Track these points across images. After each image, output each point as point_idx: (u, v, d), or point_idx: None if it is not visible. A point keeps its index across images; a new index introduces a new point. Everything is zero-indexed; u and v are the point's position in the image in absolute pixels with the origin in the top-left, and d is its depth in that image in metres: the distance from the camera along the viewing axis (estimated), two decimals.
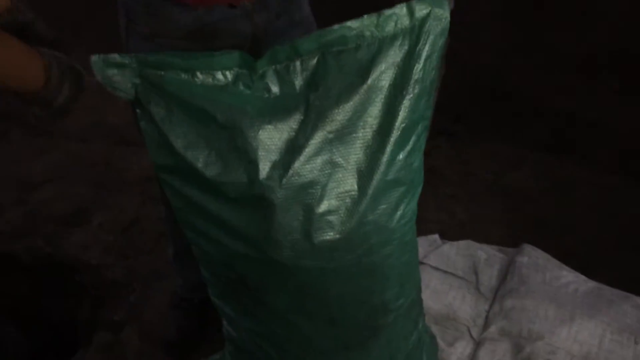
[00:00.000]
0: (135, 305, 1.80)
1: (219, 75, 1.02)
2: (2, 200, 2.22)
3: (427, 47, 1.06)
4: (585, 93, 2.62)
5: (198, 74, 1.01)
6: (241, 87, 1.03)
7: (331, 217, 1.05)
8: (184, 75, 1.01)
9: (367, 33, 1.03)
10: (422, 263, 1.71)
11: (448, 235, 1.88)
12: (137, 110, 1.05)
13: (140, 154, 2.35)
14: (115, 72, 1.00)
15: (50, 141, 2.55)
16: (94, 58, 0.99)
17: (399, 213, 1.10)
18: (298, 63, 1.04)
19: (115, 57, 1.00)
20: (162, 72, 1.00)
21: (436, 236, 1.85)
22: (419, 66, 1.05)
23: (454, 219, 2.02)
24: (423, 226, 1.21)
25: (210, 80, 1.02)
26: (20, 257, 2.01)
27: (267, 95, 1.04)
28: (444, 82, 1.13)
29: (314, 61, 1.04)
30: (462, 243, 1.81)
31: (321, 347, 1.21)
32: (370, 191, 1.05)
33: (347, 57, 1.03)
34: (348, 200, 1.04)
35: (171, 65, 1.00)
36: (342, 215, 1.05)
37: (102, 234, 2.06)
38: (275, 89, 1.05)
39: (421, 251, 1.70)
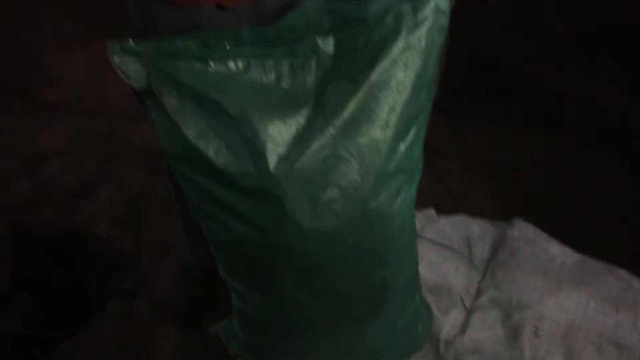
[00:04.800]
0: (145, 275, 1.87)
1: (231, 64, 1.06)
2: (9, 172, 2.26)
3: (427, 44, 1.10)
4: (579, 70, 2.67)
5: (211, 62, 1.05)
6: (253, 76, 1.07)
7: (335, 206, 1.11)
8: (197, 65, 1.05)
9: (375, 32, 1.08)
10: (418, 236, 1.78)
11: (443, 209, 1.96)
12: (148, 101, 1.09)
13: (143, 127, 2.38)
14: (131, 60, 1.03)
15: (54, 114, 2.58)
16: (112, 44, 1.02)
17: (399, 200, 1.17)
18: (314, 62, 1.08)
19: (132, 44, 1.03)
20: (177, 61, 1.04)
21: (432, 210, 1.93)
22: (419, 62, 1.10)
23: (449, 193, 2.09)
24: (419, 200, 1.27)
25: (223, 68, 1.06)
26: (31, 229, 2.06)
27: (277, 87, 1.08)
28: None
29: (329, 63, 1.09)
30: (457, 217, 1.89)
31: (325, 321, 1.31)
32: (372, 181, 1.11)
33: (357, 56, 1.08)
34: (351, 190, 1.11)
35: (185, 54, 1.03)
36: (345, 203, 1.12)
37: (109, 206, 2.11)
38: (286, 81, 1.09)
39: (418, 225, 1.78)
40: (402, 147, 1.13)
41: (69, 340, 1.71)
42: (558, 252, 1.74)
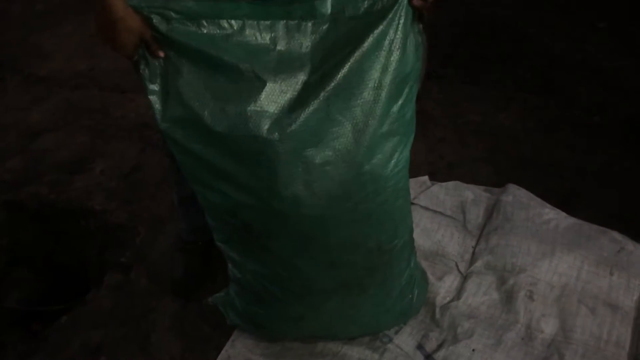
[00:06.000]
0: (141, 248, 1.86)
1: (225, 24, 1.05)
2: (2, 148, 2.25)
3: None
4: (572, 34, 2.66)
5: (204, 22, 1.04)
6: (247, 37, 1.06)
7: (329, 168, 1.12)
8: (190, 25, 1.04)
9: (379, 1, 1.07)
10: (412, 203, 1.79)
11: (437, 176, 1.96)
12: (142, 66, 1.07)
13: (136, 101, 2.37)
14: None
15: (46, 89, 2.56)
16: None
17: (392, 162, 1.17)
18: (310, 24, 1.08)
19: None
20: (169, 23, 1.03)
21: (426, 178, 1.93)
22: (414, 22, 1.11)
23: (443, 160, 2.09)
24: (413, 168, 1.27)
25: (216, 29, 1.05)
26: (26, 204, 2.05)
27: (273, 49, 1.08)
28: (433, 26, 1.17)
29: (325, 26, 1.08)
30: (451, 184, 1.89)
31: (321, 286, 1.31)
32: (365, 143, 1.12)
33: (356, 23, 1.08)
34: (345, 152, 1.11)
35: (178, 12, 1.02)
36: (339, 166, 1.12)
37: (104, 180, 2.10)
38: (282, 44, 1.08)
39: (412, 192, 1.78)
40: (395, 108, 1.14)
41: (68, 315, 1.72)
42: (552, 215, 1.75)
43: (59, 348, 1.61)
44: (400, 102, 1.14)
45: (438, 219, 1.79)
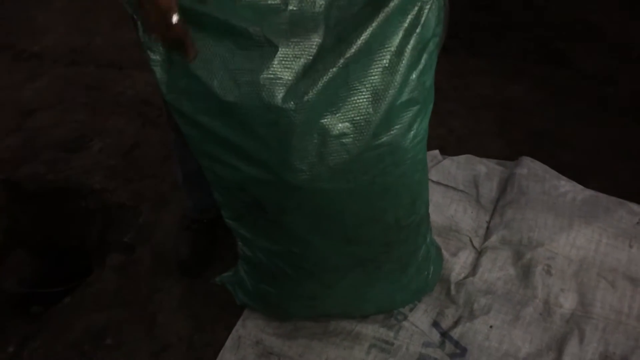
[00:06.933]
0: (145, 227, 1.81)
1: None
2: None
3: None
4: (579, 1, 2.60)
5: None
6: None
7: (346, 140, 1.06)
8: None
9: None
10: None
11: (447, 150, 1.91)
12: (147, 34, 1.02)
13: (133, 77, 2.30)
14: None
15: (39, 66, 2.49)
16: None
17: (412, 133, 1.12)
18: None
19: None
20: None
21: (436, 152, 1.88)
22: None
23: (453, 134, 2.04)
24: None
25: None
26: (23, 184, 1.99)
27: (284, 10, 1.02)
28: None
29: None
30: (462, 157, 1.84)
31: (336, 263, 1.26)
32: (384, 113, 1.06)
33: None
34: (363, 122, 1.05)
35: None
36: (356, 137, 1.06)
37: (103, 158, 2.04)
38: (294, 3, 1.02)
39: None
40: (414, 75, 1.08)
41: (70, 296, 1.67)
42: (568, 188, 1.71)
43: (62, 331, 1.56)
44: (419, 68, 1.08)
45: (450, 193, 1.74)
